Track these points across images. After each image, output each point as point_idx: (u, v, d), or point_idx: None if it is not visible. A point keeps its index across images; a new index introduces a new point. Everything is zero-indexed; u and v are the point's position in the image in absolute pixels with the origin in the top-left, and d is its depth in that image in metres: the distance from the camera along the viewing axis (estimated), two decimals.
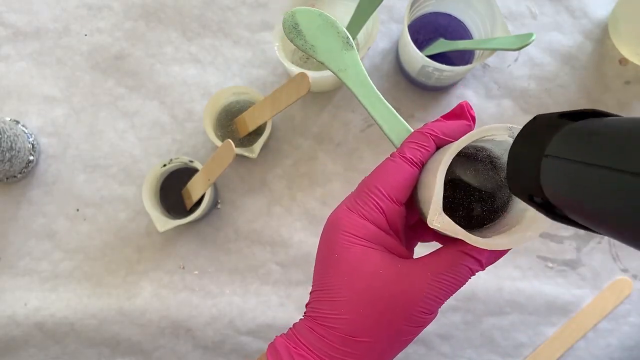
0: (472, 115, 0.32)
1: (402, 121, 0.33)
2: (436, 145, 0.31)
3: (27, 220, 0.56)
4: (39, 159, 0.57)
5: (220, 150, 0.47)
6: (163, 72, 0.58)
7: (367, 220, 0.30)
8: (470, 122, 0.32)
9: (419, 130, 0.31)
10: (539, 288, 0.56)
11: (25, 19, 0.59)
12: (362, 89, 0.34)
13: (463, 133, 0.31)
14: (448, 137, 0.31)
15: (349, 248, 0.30)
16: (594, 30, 0.59)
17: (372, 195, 0.30)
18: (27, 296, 0.55)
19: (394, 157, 0.31)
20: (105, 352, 0.56)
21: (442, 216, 0.27)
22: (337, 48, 0.33)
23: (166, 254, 0.56)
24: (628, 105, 0.58)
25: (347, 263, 0.29)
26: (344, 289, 0.29)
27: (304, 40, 0.33)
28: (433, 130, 0.31)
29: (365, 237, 0.30)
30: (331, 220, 0.31)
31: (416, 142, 0.31)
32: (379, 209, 0.30)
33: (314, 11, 0.32)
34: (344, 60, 0.33)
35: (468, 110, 0.32)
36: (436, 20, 0.56)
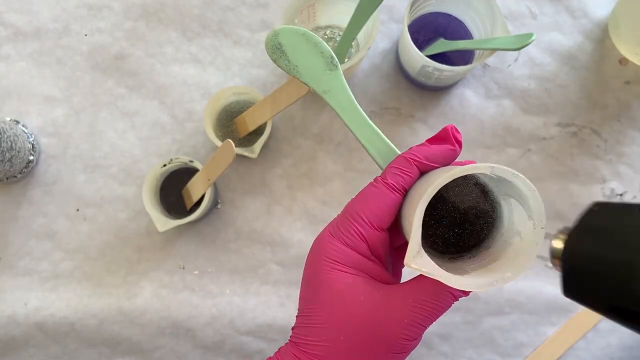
0: (457, 140, 0.31)
1: (388, 143, 0.33)
2: (419, 170, 0.31)
3: (27, 220, 0.56)
4: (39, 159, 0.57)
5: (220, 150, 0.47)
6: (163, 72, 0.58)
7: (348, 247, 0.30)
8: (456, 146, 0.31)
9: (403, 155, 0.31)
10: (539, 288, 0.56)
11: (26, 19, 0.59)
12: (347, 112, 0.33)
13: (447, 158, 0.31)
14: (432, 163, 0.31)
15: (331, 275, 0.30)
16: (594, 30, 0.59)
17: (353, 222, 0.30)
18: (27, 296, 0.55)
19: (377, 183, 0.31)
20: (105, 352, 0.56)
21: (421, 257, 0.26)
22: (320, 68, 0.32)
23: (166, 254, 0.56)
24: (628, 105, 0.58)
25: (329, 290, 0.29)
26: (325, 316, 0.29)
27: (287, 61, 0.32)
28: (416, 155, 0.31)
29: (347, 264, 0.30)
30: (315, 246, 0.31)
31: (399, 168, 0.30)
32: (360, 235, 0.30)
33: (298, 30, 0.32)
34: (328, 81, 0.33)
35: (453, 134, 0.31)
36: (436, 20, 0.56)
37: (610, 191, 0.57)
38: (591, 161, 0.57)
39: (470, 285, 0.26)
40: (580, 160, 0.57)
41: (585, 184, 0.57)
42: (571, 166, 0.57)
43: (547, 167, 0.57)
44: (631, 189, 0.57)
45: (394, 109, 0.57)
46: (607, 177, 0.57)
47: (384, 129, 0.58)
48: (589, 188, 0.57)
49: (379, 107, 0.58)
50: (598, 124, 0.58)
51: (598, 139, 0.58)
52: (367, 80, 0.58)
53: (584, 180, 0.57)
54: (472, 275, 0.27)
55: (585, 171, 0.57)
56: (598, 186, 0.57)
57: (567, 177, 0.57)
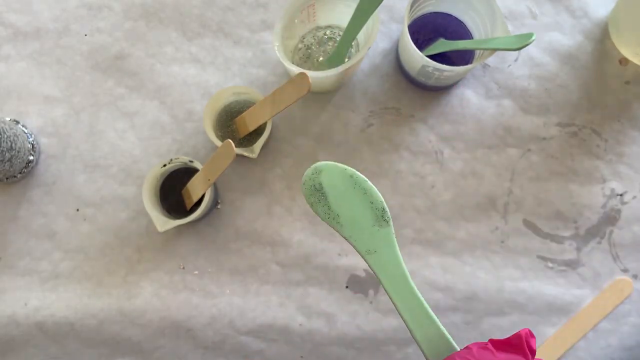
0: (532, 350, 0.25)
1: (441, 329, 0.27)
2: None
3: (27, 220, 0.56)
4: (38, 159, 0.57)
5: (220, 150, 0.47)
6: (163, 72, 0.58)
7: None
8: (527, 356, 0.25)
9: (462, 354, 0.25)
10: (539, 288, 0.56)
11: (25, 19, 0.59)
12: (393, 281, 0.27)
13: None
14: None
15: None
16: (594, 30, 0.59)
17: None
18: (27, 296, 0.55)
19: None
20: (105, 352, 0.56)
21: None
22: (368, 222, 0.26)
23: (166, 254, 0.56)
24: (628, 105, 0.58)
25: None
26: None
27: (327, 207, 0.26)
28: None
29: None
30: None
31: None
32: None
33: (345, 171, 0.26)
34: (375, 240, 0.27)
35: (528, 342, 0.26)
36: (436, 20, 0.56)
37: (611, 191, 0.57)
38: (591, 161, 0.57)
39: None
40: (580, 160, 0.57)
41: (585, 184, 0.57)
42: (571, 166, 0.57)
43: (547, 167, 0.57)
44: (631, 189, 0.57)
45: (394, 109, 0.57)
46: (607, 177, 0.57)
47: (384, 128, 0.58)
48: (589, 188, 0.57)
49: (379, 107, 0.58)
50: (598, 124, 0.58)
51: (598, 139, 0.57)
52: (367, 80, 0.58)
53: (584, 180, 0.57)
54: None
55: (585, 171, 0.57)
56: (598, 186, 0.57)
57: (567, 177, 0.57)
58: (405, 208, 0.57)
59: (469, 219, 0.57)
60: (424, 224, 0.57)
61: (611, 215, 0.57)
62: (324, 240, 0.56)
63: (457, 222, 0.57)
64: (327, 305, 0.55)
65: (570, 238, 0.57)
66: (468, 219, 0.57)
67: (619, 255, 0.57)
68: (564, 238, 0.57)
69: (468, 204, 0.57)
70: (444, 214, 0.57)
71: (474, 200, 0.57)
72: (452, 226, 0.57)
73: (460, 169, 0.57)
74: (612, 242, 0.57)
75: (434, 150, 0.57)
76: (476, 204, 0.57)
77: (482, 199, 0.57)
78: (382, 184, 0.57)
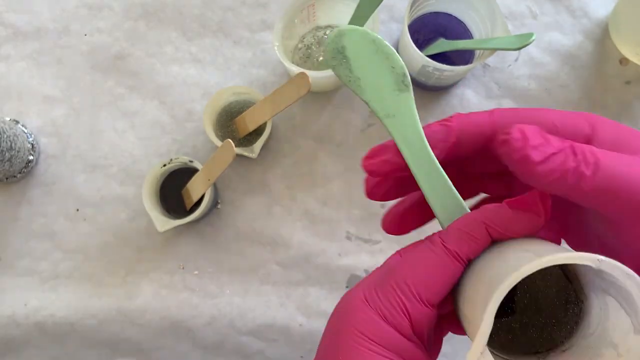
0: (547, 209, 0.24)
1: (457, 196, 0.27)
2: (491, 238, 0.24)
3: (27, 220, 0.56)
4: (38, 159, 0.57)
5: (220, 150, 0.47)
6: (163, 72, 0.58)
7: (386, 322, 0.24)
8: (542, 216, 0.24)
9: (475, 216, 0.25)
10: None
11: (25, 19, 0.59)
12: (411, 146, 0.26)
13: (528, 230, 0.24)
14: (509, 234, 0.24)
15: (360, 353, 0.23)
16: (594, 30, 0.59)
17: (398, 292, 0.24)
18: (27, 296, 0.55)
19: (435, 246, 0.25)
20: (105, 352, 0.56)
21: (486, 357, 0.20)
22: (388, 86, 0.26)
23: (166, 254, 0.56)
24: (628, 105, 0.57)
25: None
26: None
27: (348, 70, 0.26)
28: (492, 221, 0.24)
29: (381, 344, 0.24)
30: (343, 308, 0.25)
31: (467, 233, 0.24)
32: (404, 311, 0.24)
33: (368, 35, 0.26)
34: (394, 104, 0.26)
35: (543, 202, 0.24)
36: (436, 20, 0.55)
37: None
38: None
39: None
40: None
41: None
42: None
43: None
44: None
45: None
46: None
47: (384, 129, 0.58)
48: None
49: None
50: None
51: None
52: None
53: None
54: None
55: None
56: None
57: None
58: None
59: None
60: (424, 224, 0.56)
61: None
62: (324, 240, 0.56)
63: None
64: (327, 305, 0.55)
65: None
66: None
67: None
68: None
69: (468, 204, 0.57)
70: None
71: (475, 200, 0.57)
72: None
73: None
74: None
75: None
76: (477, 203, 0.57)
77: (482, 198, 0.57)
78: None
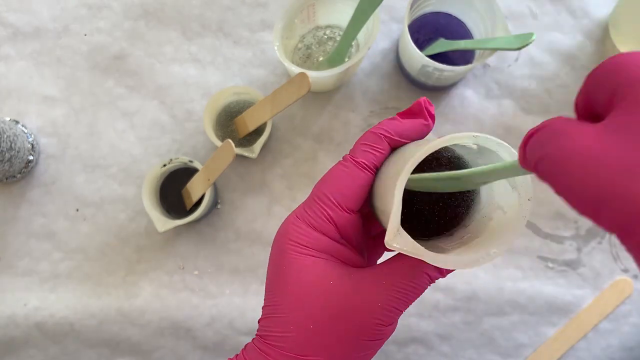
0: (430, 114, 0.30)
1: None
2: (391, 147, 0.29)
3: (27, 220, 0.56)
4: (38, 159, 0.57)
5: (220, 150, 0.47)
6: (163, 72, 0.58)
7: (315, 230, 0.28)
8: (429, 121, 0.30)
9: (373, 130, 0.29)
10: (539, 288, 0.56)
11: (25, 19, 0.59)
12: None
13: (420, 134, 0.29)
14: (403, 139, 0.29)
15: (296, 259, 0.27)
16: (594, 30, 0.58)
17: (320, 204, 0.28)
18: (26, 296, 0.55)
19: (346, 161, 0.29)
20: (104, 352, 0.56)
21: (402, 236, 0.24)
22: None
23: (166, 254, 0.56)
24: None
25: (293, 275, 0.27)
26: (291, 305, 0.27)
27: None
28: (387, 131, 0.29)
29: (314, 248, 0.28)
30: (279, 230, 0.29)
31: (369, 145, 0.28)
32: (328, 217, 0.28)
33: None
34: None
35: (427, 107, 0.29)
36: (436, 20, 0.55)
37: None
38: None
39: (454, 263, 0.25)
40: None
41: None
42: None
43: None
44: None
45: (394, 109, 0.57)
46: None
47: None
48: None
49: (379, 107, 0.57)
50: None
51: None
52: (367, 80, 0.58)
53: None
54: (454, 253, 0.26)
55: None
56: None
57: None
58: None
59: None
60: None
61: None
62: None
63: None
64: None
65: (570, 238, 0.57)
66: None
67: (620, 256, 0.57)
68: (565, 238, 0.57)
69: None
70: None
71: None
72: None
73: None
74: (612, 242, 0.57)
75: None
76: None
77: None
78: None
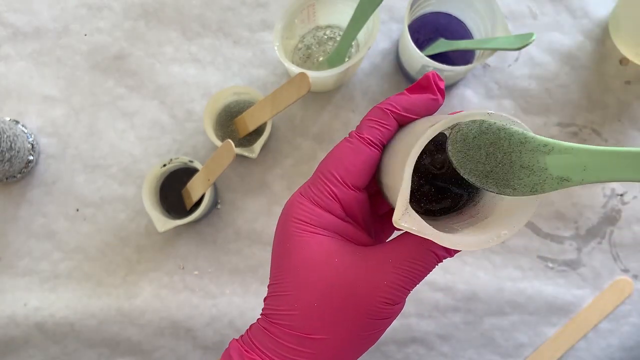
0: (440, 89, 0.28)
1: None
2: (398, 123, 0.28)
3: (27, 220, 0.56)
4: (38, 159, 0.57)
5: (220, 150, 0.47)
6: (163, 72, 0.58)
7: (320, 208, 0.27)
8: (438, 95, 0.28)
9: (379, 106, 0.28)
10: (539, 288, 0.56)
11: (25, 19, 0.59)
12: None
13: (428, 109, 0.28)
14: (411, 114, 0.28)
15: (300, 236, 0.27)
16: (594, 30, 0.59)
17: (325, 181, 0.28)
18: (26, 296, 0.55)
19: (351, 138, 0.28)
20: (105, 352, 0.56)
21: (410, 215, 0.24)
22: None
23: (166, 254, 0.56)
24: (628, 105, 0.57)
25: (298, 252, 0.27)
26: (296, 282, 0.27)
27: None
28: (394, 106, 0.28)
29: (319, 225, 0.27)
30: (286, 207, 0.29)
31: (375, 120, 0.28)
32: (333, 195, 0.27)
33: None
34: None
35: (435, 82, 0.28)
36: (436, 20, 0.55)
37: (611, 191, 0.57)
38: None
39: (463, 244, 0.24)
40: None
41: (585, 185, 0.57)
42: None
43: None
44: (631, 189, 0.57)
45: None
46: None
47: None
48: (589, 188, 0.57)
49: None
50: (598, 123, 0.58)
51: (598, 139, 0.57)
52: (367, 80, 0.58)
53: None
54: (463, 233, 0.25)
55: None
56: (598, 186, 0.57)
57: None
58: None
59: None
60: None
61: (611, 216, 0.57)
62: None
63: None
64: None
65: (570, 238, 0.57)
66: None
67: (619, 256, 0.57)
68: (564, 238, 0.57)
69: None
70: None
71: None
72: None
73: None
74: (612, 242, 0.57)
75: None
76: None
77: None
78: None
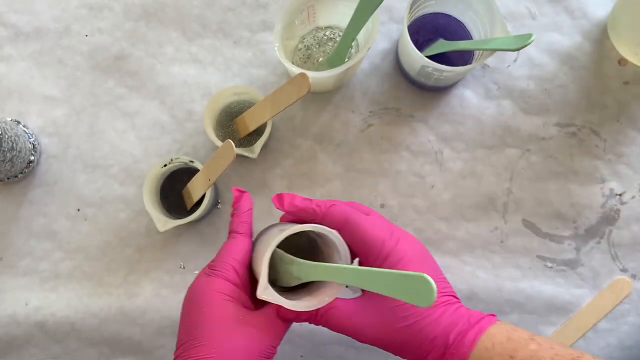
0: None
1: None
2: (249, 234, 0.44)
3: (28, 220, 0.57)
4: (39, 159, 0.57)
5: (221, 150, 0.47)
6: (163, 72, 0.58)
7: (228, 281, 0.39)
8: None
9: (238, 220, 0.44)
10: (538, 288, 0.56)
11: (26, 19, 0.59)
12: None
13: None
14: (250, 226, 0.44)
15: (219, 302, 0.38)
16: (593, 31, 0.59)
17: (226, 258, 0.40)
18: (27, 296, 0.56)
19: (234, 235, 0.43)
20: (105, 351, 0.56)
21: (268, 291, 0.36)
22: None
23: (166, 253, 0.56)
24: (627, 105, 0.58)
25: (216, 313, 0.38)
26: (213, 333, 0.37)
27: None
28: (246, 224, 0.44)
29: (229, 294, 0.39)
30: (197, 286, 0.40)
31: (246, 224, 0.44)
32: (234, 270, 0.40)
33: None
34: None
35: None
36: (436, 20, 0.56)
37: (610, 191, 0.57)
38: (590, 161, 0.57)
39: (300, 306, 0.36)
40: (580, 160, 0.57)
41: (584, 184, 0.57)
42: (570, 166, 0.57)
43: (546, 167, 0.57)
44: (630, 188, 0.57)
45: (394, 109, 0.57)
46: (607, 177, 0.57)
47: (384, 129, 0.58)
48: (588, 188, 0.57)
49: (378, 107, 0.58)
50: (597, 124, 0.58)
51: (597, 139, 0.58)
52: (367, 80, 0.58)
53: (583, 180, 0.57)
54: (304, 300, 0.37)
55: (585, 171, 0.57)
56: (597, 186, 0.57)
57: (567, 177, 0.57)
58: (405, 208, 0.57)
59: (469, 218, 0.57)
60: (423, 224, 0.57)
61: (610, 215, 0.57)
62: None
63: (457, 222, 0.57)
64: None
65: (569, 238, 0.57)
66: (468, 219, 0.57)
67: (618, 255, 0.57)
68: (563, 238, 0.57)
69: (468, 204, 0.57)
70: (443, 214, 0.57)
71: (474, 200, 0.57)
72: (452, 226, 0.57)
73: (459, 169, 0.57)
74: (611, 241, 0.57)
75: (433, 151, 0.57)
76: (476, 204, 0.57)
77: (481, 199, 0.57)
78: (382, 184, 0.57)
